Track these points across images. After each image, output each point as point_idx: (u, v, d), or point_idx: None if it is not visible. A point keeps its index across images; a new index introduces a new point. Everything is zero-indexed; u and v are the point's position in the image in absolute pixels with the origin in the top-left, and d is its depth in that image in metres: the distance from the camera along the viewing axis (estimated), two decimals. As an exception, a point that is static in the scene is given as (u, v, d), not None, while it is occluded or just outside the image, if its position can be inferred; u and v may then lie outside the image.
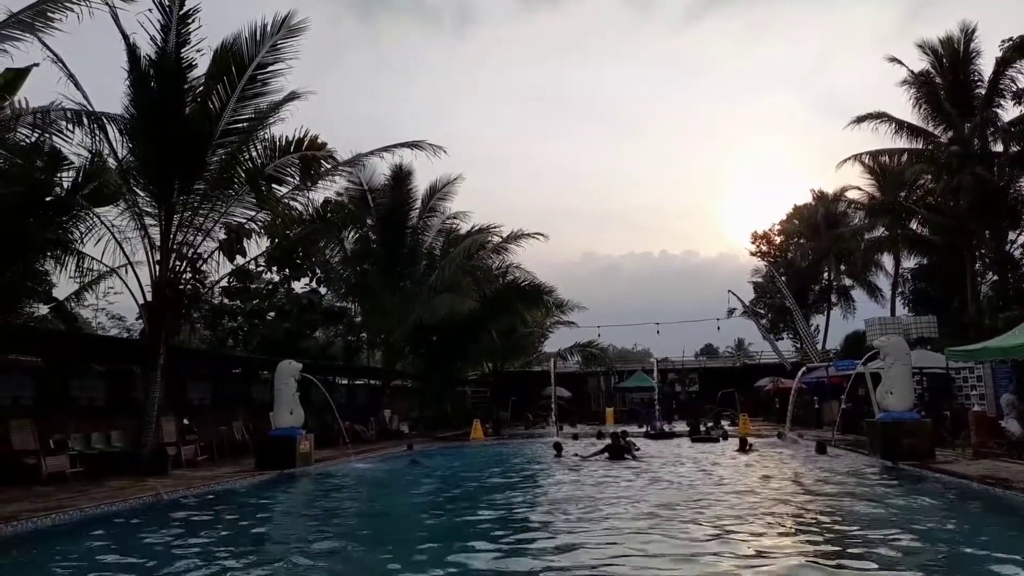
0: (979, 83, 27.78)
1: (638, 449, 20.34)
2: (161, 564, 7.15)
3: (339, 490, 14.10)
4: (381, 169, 28.00)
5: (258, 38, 15.84)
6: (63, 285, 18.17)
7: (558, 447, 19.10)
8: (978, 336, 21.27)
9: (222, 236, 17.60)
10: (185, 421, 17.89)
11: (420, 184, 29.72)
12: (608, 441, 19.10)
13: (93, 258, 16.38)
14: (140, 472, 14.08)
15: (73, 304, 19.56)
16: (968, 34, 27.67)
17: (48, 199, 15.33)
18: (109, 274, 17.37)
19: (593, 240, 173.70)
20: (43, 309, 19.11)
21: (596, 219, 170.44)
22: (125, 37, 14.97)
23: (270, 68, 16.17)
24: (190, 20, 15.10)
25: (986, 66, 27.64)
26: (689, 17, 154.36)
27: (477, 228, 31.02)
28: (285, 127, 18.16)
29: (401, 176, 28.67)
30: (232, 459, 17.90)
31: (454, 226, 31.67)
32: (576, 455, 18.86)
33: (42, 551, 8.06)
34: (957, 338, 23.87)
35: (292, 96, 16.85)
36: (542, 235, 31.04)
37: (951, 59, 27.95)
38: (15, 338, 15.23)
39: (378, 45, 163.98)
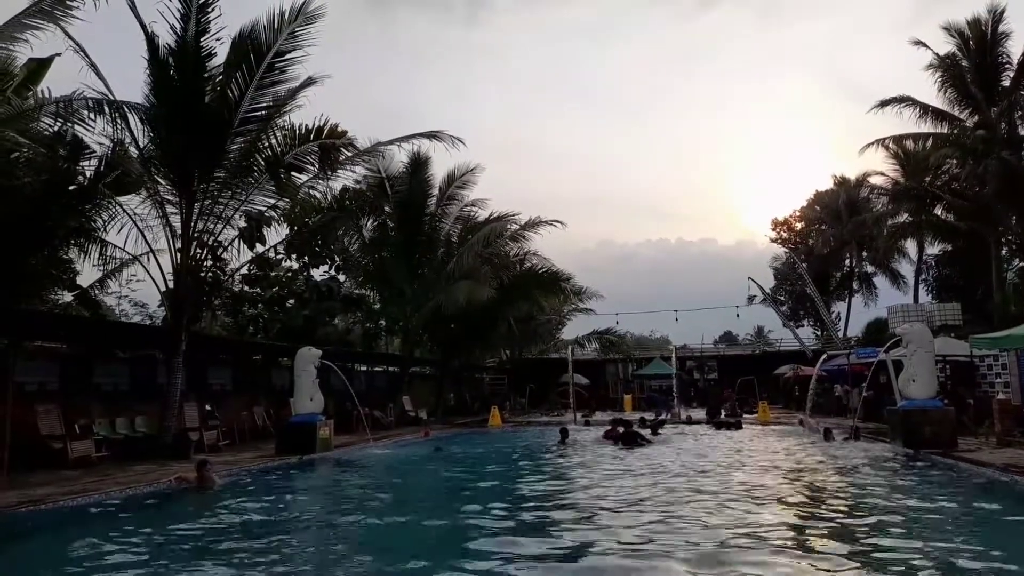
0: (1007, 65, 27.19)
1: (658, 433, 20.40)
2: (184, 548, 7.26)
3: (359, 474, 14.22)
4: (399, 157, 28.01)
5: (275, 26, 15.90)
6: (87, 273, 18.44)
7: (564, 433, 19.14)
8: (1003, 323, 20.97)
9: (242, 224, 17.75)
10: (207, 407, 18.10)
11: (438, 172, 29.80)
12: (621, 429, 19.27)
13: (116, 246, 16.58)
14: (163, 457, 14.31)
15: (97, 291, 19.81)
16: (996, 15, 27.06)
17: (71, 188, 15.51)
18: (131, 262, 17.59)
19: (610, 227, 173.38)
20: (67, 296, 19.37)
21: (612, 206, 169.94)
22: (143, 26, 15.09)
23: (288, 56, 16.22)
24: (209, 9, 15.17)
25: (1015, 48, 27.13)
26: (704, 1, 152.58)
27: (495, 216, 31.03)
28: (304, 115, 18.29)
29: (419, 164, 28.68)
30: (253, 444, 18.11)
31: (472, 213, 31.69)
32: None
33: (69, 533, 8.21)
34: (981, 325, 23.56)
35: (309, 82, 16.90)
36: (559, 222, 31.02)
37: (978, 41, 27.36)
38: (41, 325, 15.47)
39: (390, 33, 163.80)
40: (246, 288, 31.63)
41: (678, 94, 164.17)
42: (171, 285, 16.22)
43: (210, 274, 17.60)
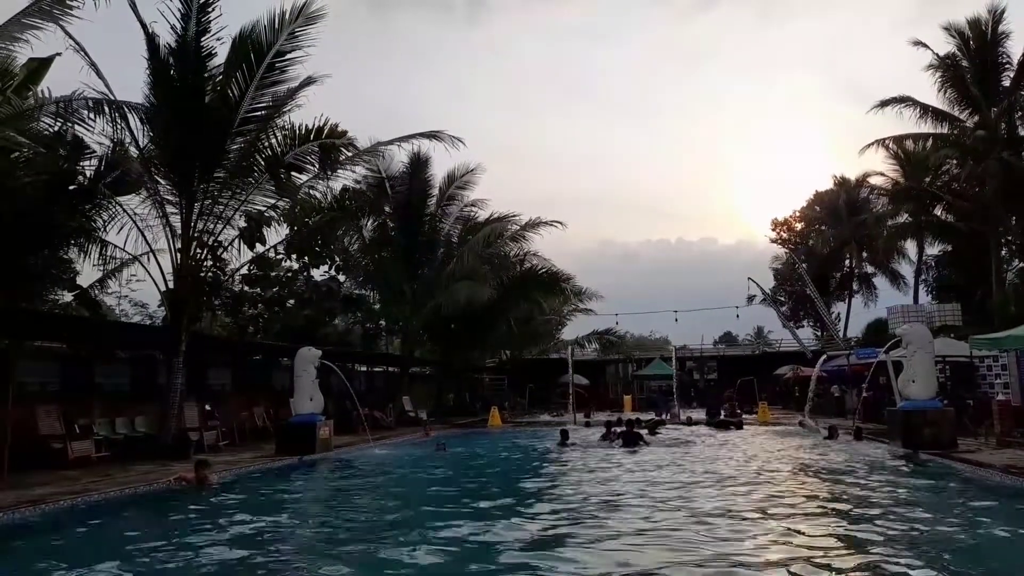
0: (1007, 66, 27.18)
1: (656, 433, 20.50)
2: (183, 547, 7.26)
3: (359, 475, 14.22)
4: (399, 157, 28.02)
5: (276, 26, 15.91)
6: (87, 273, 18.44)
7: (564, 434, 19.18)
8: (1003, 324, 20.94)
9: (242, 224, 17.74)
10: (207, 407, 18.10)
11: (437, 172, 29.81)
12: (622, 428, 19.39)
13: (116, 246, 16.60)
14: (163, 457, 14.30)
15: (97, 291, 19.80)
16: (996, 15, 27.04)
17: (71, 188, 15.51)
18: (132, 262, 17.59)
19: (610, 228, 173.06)
20: (67, 296, 19.36)
21: (612, 206, 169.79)
22: (144, 26, 15.10)
23: (288, 56, 16.23)
24: (210, 8, 15.18)
25: (1015, 48, 27.11)
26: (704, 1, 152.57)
27: (495, 216, 31.03)
28: (304, 115, 18.27)
29: (419, 164, 28.70)
30: (253, 444, 18.10)
31: (472, 214, 31.71)
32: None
33: (69, 533, 8.22)
34: (981, 326, 23.52)
35: (309, 81, 16.91)
36: (560, 223, 30.99)
37: (978, 41, 27.35)
38: (41, 325, 15.46)
39: (390, 33, 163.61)
40: (246, 288, 31.60)
41: (678, 94, 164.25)
42: (171, 285, 16.22)
43: (210, 274, 17.58)
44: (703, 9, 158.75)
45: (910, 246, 39.02)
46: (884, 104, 28.45)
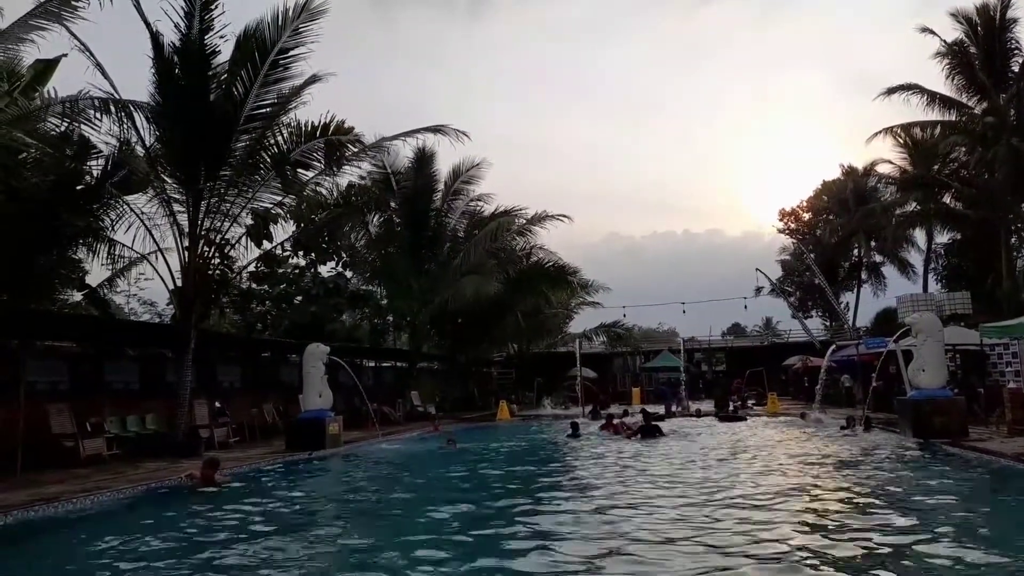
0: (1016, 52, 26.99)
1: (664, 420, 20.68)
2: (193, 545, 7.30)
3: (369, 470, 14.26)
4: (404, 152, 28.10)
5: (280, 23, 15.90)
6: (95, 272, 18.55)
7: (575, 427, 19.18)
8: (1013, 312, 20.83)
9: (249, 222, 17.78)
10: (217, 404, 18.18)
11: (443, 167, 29.80)
12: (616, 421, 19.68)
13: (124, 245, 16.69)
14: (174, 454, 14.39)
15: (106, 290, 19.92)
16: (1005, 1, 26.82)
17: (79, 187, 15.58)
18: (140, 261, 17.69)
19: (615, 221, 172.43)
20: (77, 296, 19.48)
21: (618, 199, 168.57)
22: (148, 25, 15.12)
23: (292, 53, 16.22)
24: (213, 7, 15.17)
25: (1023, 34, 26.88)
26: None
27: (501, 211, 31.01)
28: (310, 112, 18.28)
29: (424, 159, 28.70)
30: (263, 441, 18.20)
31: (478, 208, 31.70)
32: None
33: (81, 531, 8.28)
34: (991, 314, 23.40)
35: (313, 79, 16.92)
36: (566, 217, 31.05)
37: (986, 28, 27.14)
38: (51, 325, 15.56)
39: (393, 30, 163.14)
40: (254, 285, 31.74)
41: (684, 86, 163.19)
42: (179, 283, 16.30)
43: (218, 272, 17.62)
44: (707, 1, 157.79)
45: (919, 235, 38.92)
46: (891, 91, 28.26)
